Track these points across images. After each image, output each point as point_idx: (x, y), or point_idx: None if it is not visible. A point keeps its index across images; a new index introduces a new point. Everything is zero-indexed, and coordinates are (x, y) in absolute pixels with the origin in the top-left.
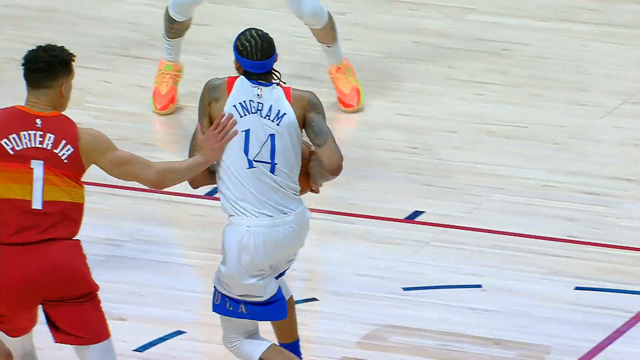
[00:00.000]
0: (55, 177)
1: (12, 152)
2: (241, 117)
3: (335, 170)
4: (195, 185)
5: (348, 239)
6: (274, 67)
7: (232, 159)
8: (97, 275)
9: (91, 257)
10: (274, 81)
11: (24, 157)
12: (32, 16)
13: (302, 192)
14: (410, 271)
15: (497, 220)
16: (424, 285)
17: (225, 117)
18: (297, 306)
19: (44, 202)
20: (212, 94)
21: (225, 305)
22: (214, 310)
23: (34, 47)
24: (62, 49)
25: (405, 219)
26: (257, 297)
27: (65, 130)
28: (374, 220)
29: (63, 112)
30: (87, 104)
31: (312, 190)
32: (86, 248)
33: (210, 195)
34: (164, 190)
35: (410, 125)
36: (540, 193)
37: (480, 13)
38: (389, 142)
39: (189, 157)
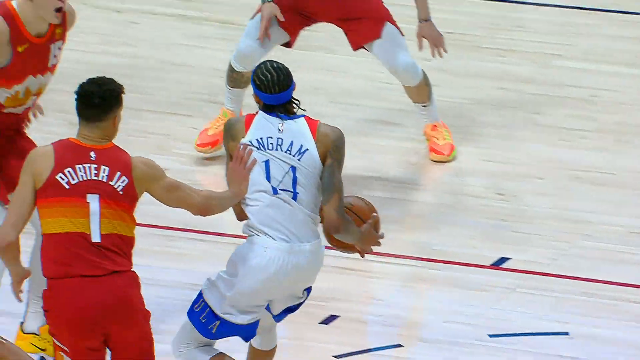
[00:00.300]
0: (110, 210)
1: (67, 187)
2: (258, 150)
3: (331, 230)
4: (240, 218)
5: (434, 285)
6: (293, 96)
7: (256, 187)
8: (181, 321)
9: (176, 302)
10: (295, 112)
11: (79, 191)
12: (120, 63)
13: (348, 249)
14: (497, 318)
15: (584, 267)
16: (510, 332)
17: (241, 149)
18: (382, 352)
19: (102, 235)
20: (230, 133)
21: (200, 315)
22: (187, 313)
23: (86, 81)
24: (112, 81)
25: (492, 265)
26: (236, 318)
27: (119, 161)
28: (460, 267)
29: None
30: (174, 149)
31: (359, 252)
32: (171, 293)
33: None
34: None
35: (496, 171)
36: (628, 240)
37: (566, 59)
38: (475, 188)
39: None
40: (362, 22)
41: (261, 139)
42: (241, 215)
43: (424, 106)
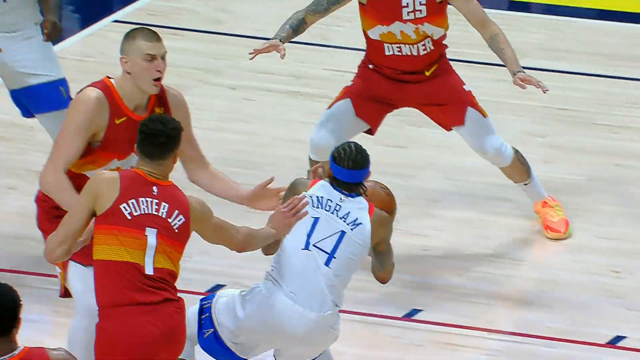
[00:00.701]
0: (164, 246)
1: (129, 217)
2: (314, 207)
3: (380, 282)
4: (266, 253)
5: None
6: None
7: (292, 236)
8: None
9: None
10: (361, 194)
11: (139, 224)
12: (235, 139)
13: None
14: None
15: None
16: None
17: (298, 198)
18: None
19: (155, 269)
20: (293, 191)
21: (202, 314)
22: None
23: (148, 119)
24: (173, 119)
25: (607, 343)
26: (227, 339)
27: (179, 200)
28: (575, 345)
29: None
30: None
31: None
32: None
33: (408, 317)
34: (360, 311)
35: (612, 248)
36: None
37: None
38: (590, 265)
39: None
40: (443, 108)
41: (322, 197)
42: (267, 251)
43: (526, 184)
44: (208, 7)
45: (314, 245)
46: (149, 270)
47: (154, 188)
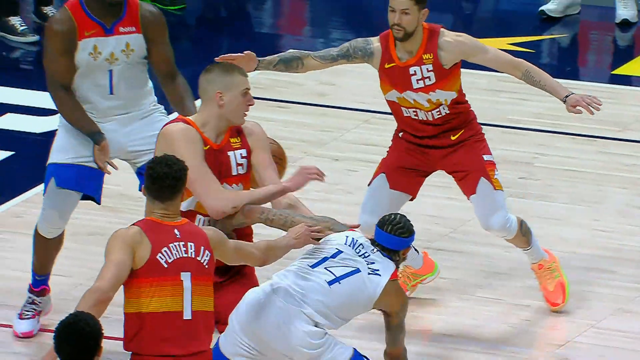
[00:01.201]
0: (199, 286)
1: (166, 266)
2: (345, 244)
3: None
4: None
5: None
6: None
7: (308, 254)
8: None
9: None
10: (394, 260)
11: (175, 270)
12: (338, 210)
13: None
14: None
15: None
16: None
17: (327, 231)
18: None
19: (192, 312)
20: (335, 230)
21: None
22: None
23: (152, 161)
24: (178, 160)
25: None
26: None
27: (199, 235)
28: None
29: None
30: None
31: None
32: None
33: None
34: None
35: None
36: None
37: None
38: None
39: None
40: (463, 176)
41: (356, 240)
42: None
43: (526, 250)
44: (312, 80)
45: (325, 268)
46: (187, 315)
47: (176, 231)
